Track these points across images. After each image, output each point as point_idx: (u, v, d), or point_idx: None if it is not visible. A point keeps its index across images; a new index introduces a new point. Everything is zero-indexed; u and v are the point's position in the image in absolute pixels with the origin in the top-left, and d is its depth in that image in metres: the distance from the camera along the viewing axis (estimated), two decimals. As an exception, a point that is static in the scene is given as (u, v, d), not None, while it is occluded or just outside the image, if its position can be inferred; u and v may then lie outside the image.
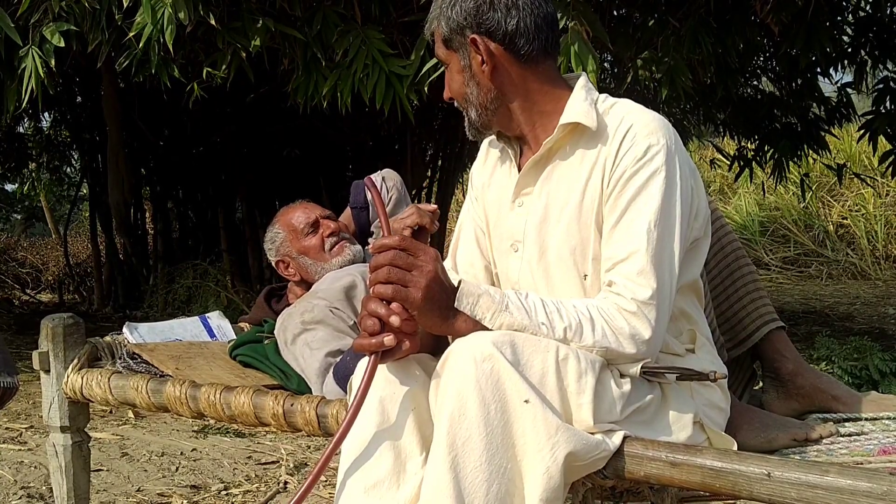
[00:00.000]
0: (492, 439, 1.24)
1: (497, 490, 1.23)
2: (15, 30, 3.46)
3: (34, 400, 4.11)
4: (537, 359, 1.30)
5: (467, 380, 1.26)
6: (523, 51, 1.48)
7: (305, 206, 2.33)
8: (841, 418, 1.68)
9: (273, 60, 3.82)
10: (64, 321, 2.02)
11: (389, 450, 1.33)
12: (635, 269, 1.38)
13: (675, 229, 1.41)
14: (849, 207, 10.54)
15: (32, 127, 9.15)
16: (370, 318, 1.31)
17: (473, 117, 1.54)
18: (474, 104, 1.52)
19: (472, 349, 1.28)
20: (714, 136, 8.07)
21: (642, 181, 1.41)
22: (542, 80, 1.52)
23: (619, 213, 1.42)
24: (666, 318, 1.40)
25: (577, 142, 1.49)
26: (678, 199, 1.42)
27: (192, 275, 7.01)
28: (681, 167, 1.44)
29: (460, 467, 1.23)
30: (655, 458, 1.32)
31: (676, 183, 1.42)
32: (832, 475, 1.18)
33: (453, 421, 1.25)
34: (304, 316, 2.00)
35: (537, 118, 1.53)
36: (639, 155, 1.41)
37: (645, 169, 1.41)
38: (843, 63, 5.32)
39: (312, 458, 3.25)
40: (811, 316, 6.91)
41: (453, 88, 1.55)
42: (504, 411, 1.25)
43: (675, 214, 1.42)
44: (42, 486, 2.87)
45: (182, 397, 1.84)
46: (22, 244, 11.26)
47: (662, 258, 1.39)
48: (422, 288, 1.30)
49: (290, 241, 2.26)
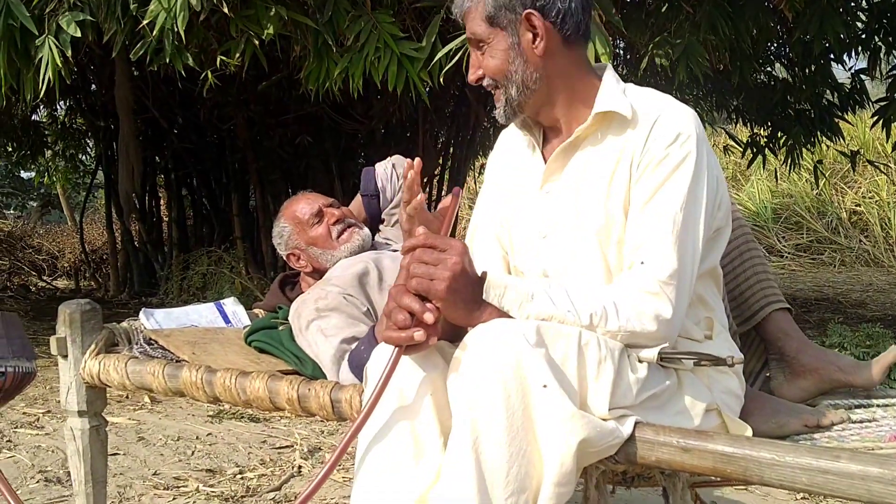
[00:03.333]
0: (512, 422, 1.25)
1: (517, 471, 1.25)
2: (30, 19, 3.48)
3: (51, 385, 4.15)
4: (560, 343, 1.31)
5: (488, 363, 1.27)
6: (570, 32, 1.50)
7: (308, 196, 2.34)
8: (852, 404, 1.68)
9: (285, 48, 3.83)
10: (81, 307, 2.04)
11: (408, 434, 1.34)
12: (659, 252, 1.39)
13: (700, 216, 1.43)
14: (862, 194, 10.48)
15: (48, 115, 9.20)
16: (402, 311, 1.32)
17: (513, 95, 1.52)
18: (517, 82, 1.51)
19: (493, 333, 1.30)
20: (727, 122, 8.03)
21: (671, 167, 1.42)
22: (579, 64, 1.54)
23: (647, 196, 1.43)
24: (686, 300, 1.42)
25: (607, 129, 1.50)
26: (705, 187, 1.43)
27: (207, 262, 7.04)
28: (708, 157, 1.45)
29: (481, 449, 1.25)
30: (667, 444, 1.33)
31: (704, 171, 1.43)
32: (843, 461, 1.18)
33: (474, 404, 1.27)
34: (318, 303, 2.01)
35: (575, 101, 1.53)
36: (669, 141, 1.43)
37: (674, 155, 1.42)
38: (856, 49, 5.29)
39: (327, 443, 3.28)
40: (824, 303, 6.88)
41: (491, 66, 1.53)
42: (524, 395, 1.26)
43: (701, 202, 1.43)
44: (59, 469, 2.91)
45: (198, 382, 1.86)
46: (38, 231, 11.33)
47: (686, 242, 1.41)
48: (446, 280, 1.32)
49: (297, 233, 2.27)
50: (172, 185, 8.35)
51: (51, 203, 13.56)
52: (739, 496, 2.68)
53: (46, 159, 10.19)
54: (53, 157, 10.10)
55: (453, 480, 1.25)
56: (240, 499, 2.66)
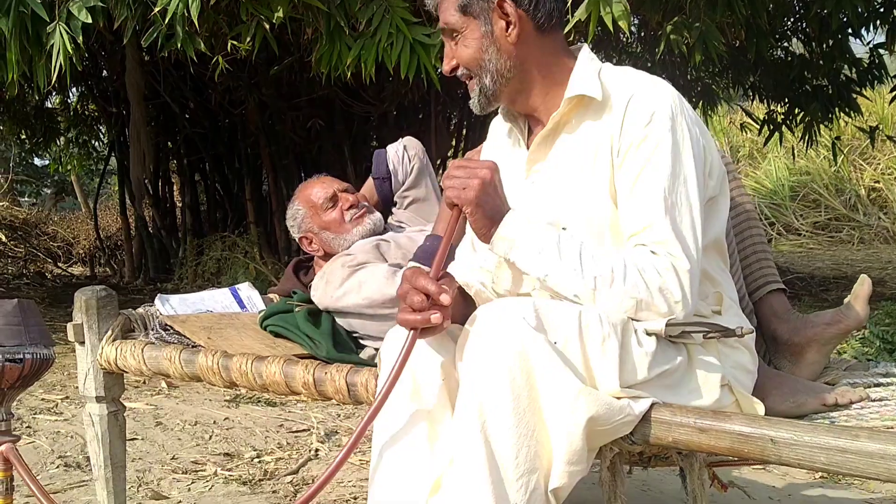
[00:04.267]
0: (519, 403, 1.25)
1: (527, 452, 1.25)
2: (42, 6, 3.48)
3: (69, 371, 4.19)
4: (561, 322, 1.31)
5: (492, 346, 1.28)
6: (542, 19, 1.49)
7: (323, 180, 2.33)
8: (871, 382, 1.67)
9: (296, 31, 3.81)
10: (97, 293, 2.05)
11: (422, 417, 1.35)
12: (657, 238, 1.38)
13: (692, 193, 1.40)
14: (881, 171, 10.38)
15: (61, 102, 9.23)
16: (418, 294, 1.33)
17: (487, 84, 1.53)
18: (491, 71, 1.52)
19: (497, 315, 1.30)
20: (743, 99, 7.96)
21: (650, 148, 1.40)
22: (554, 50, 1.53)
23: (632, 182, 1.41)
24: (696, 282, 1.40)
25: (584, 114, 1.49)
26: (690, 162, 1.41)
27: (221, 247, 7.07)
28: (689, 128, 1.43)
29: (490, 431, 1.25)
30: (683, 424, 1.32)
31: (685, 145, 1.41)
32: (862, 439, 1.17)
33: (480, 387, 1.27)
34: (346, 265, 2.02)
35: (551, 88, 1.53)
36: (645, 121, 1.41)
37: (651, 136, 1.40)
38: (875, 23, 5.21)
39: (343, 426, 3.30)
40: (842, 281, 6.83)
41: (465, 56, 1.53)
42: (529, 376, 1.26)
43: (689, 178, 1.41)
44: (79, 455, 2.93)
45: (214, 367, 1.86)
46: (53, 218, 11.41)
47: (682, 223, 1.39)
48: (476, 188, 1.38)
49: (311, 216, 2.27)
50: (185, 171, 8.37)
51: (65, 190, 13.64)
52: (758, 476, 2.67)
53: (60, 146, 10.23)
54: (66, 144, 10.14)
55: (464, 465, 1.25)
56: (257, 482, 2.68)
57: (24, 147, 10.39)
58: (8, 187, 11.95)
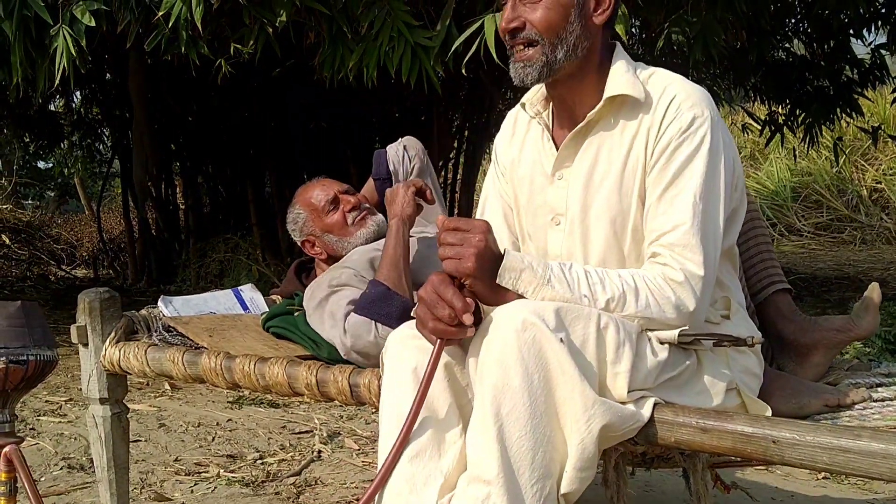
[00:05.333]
0: (535, 408, 1.25)
1: (542, 457, 1.25)
2: (45, 9, 3.49)
3: (72, 373, 4.19)
4: (578, 326, 1.31)
5: (509, 349, 1.27)
6: (613, 13, 1.50)
7: (323, 183, 2.32)
8: (873, 383, 1.67)
9: (299, 34, 3.82)
10: (101, 295, 2.05)
11: (429, 420, 1.35)
12: (682, 241, 1.38)
13: (720, 202, 1.41)
14: (883, 171, 10.37)
15: (64, 105, 9.24)
16: (445, 307, 1.32)
17: (560, 57, 1.44)
18: (566, 44, 1.45)
19: (513, 318, 1.29)
20: (744, 100, 7.95)
21: (688, 153, 1.40)
22: (607, 46, 1.53)
23: (665, 185, 1.41)
24: (710, 291, 1.41)
25: (619, 112, 1.47)
26: (722, 171, 1.42)
27: (224, 249, 7.08)
28: (723, 137, 1.43)
29: (506, 436, 1.25)
30: (686, 424, 1.32)
31: (720, 154, 1.42)
32: (865, 439, 1.17)
33: (497, 391, 1.26)
34: (332, 282, 2.02)
35: (590, 83, 1.50)
36: (684, 126, 1.41)
37: (690, 141, 1.40)
38: (876, 24, 5.21)
39: (346, 428, 3.30)
40: (844, 282, 6.82)
41: (542, 19, 1.44)
42: (547, 380, 1.26)
43: (720, 186, 1.41)
44: (82, 456, 2.94)
45: (217, 368, 1.87)
46: (56, 221, 11.42)
47: (707, 231, 1.39)
48: (472, 258, 1.33)
49: (313, 220, 2.26)
50: (188, 173, 8.38)
51: (68, 193, 13.65)
52: (760, 477, 2.67)
53: (63, 149, 10.25)
54: (70, 147, 10.15)
55: (480, 467, 1.25)
56: (260, 484, 2.68)
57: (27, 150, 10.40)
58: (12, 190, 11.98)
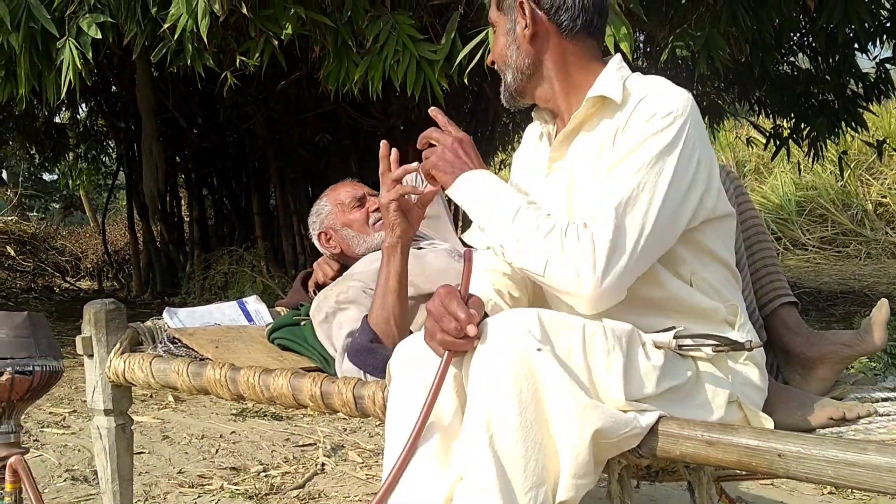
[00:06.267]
0: (525, 417, 1.26)
1: (534, 465, 1.25)
2: (51, 21, 3.52)
3: (76, 385, 4.19)
4: (564, 336, 1.31)
5: (498, 359, 1.28)
6: (565, 23, 1.53)
7: (354, 183, 2.38)
8: (879, 397, 1.66)
9: (304, 47, 3.84)
10: (106, 307, 2.06)
11: (435, 430, 1.35)
12: (602, 212, 1.37)
13: (661, 197, 1.38)
14: (888, 185, 10.36)
15: (70, 117, 9.28)
16: (451, 320, 1.32)
17: (509, 80, 1.59)
18: (512, 67, 1.57)
19: (502, 329, 1.30)
20: (749, 114, 7.97)
21: (640, 139, 1.40)
22: (579, 55, 1.55)
23: (612, 165, 1.42)
24: (621, 275, 1.36)
25: (602, 114, 1.51)
26: (672, 166, 1.39)
27: (228, 261, 7.08)
28: (695, 138, 1.41)
29: (497, 445, 1.25)
30: (691, 437, 1.32)
31: (677, 148, 1.39)
32: (870, 453, 1.17)
33: (487, 400, 1.27)
34: (339, 296, 2.03)
35: (570, 90, 1.56)
36: (646, 118, 1.41)
37: (646, 130, 1.40)
38: (881, 38, 5.22)
39: (349, 440, 3.30)
40: (849, 296, 6.81)
41: (496, 51, 1.60)
42: (536, 389, 1.27)
43: (667, 181, 1.38)
44: (86, 468, 2.94)
45: (222, 380, 1.87)
46: (61, 233, 11.45)
47: (632, 216, 1.37)
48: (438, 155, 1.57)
49: (336, 213, 2.29)
50: (193, 185, 8.40)
51: (73, 204, 13.70)
52: (766, 491, 2.66)
53: (69, 161, 10.29)
54: (76, 159, 10.20)
55: (474, 479, 1.26)
56: (264, 496, 2.68)
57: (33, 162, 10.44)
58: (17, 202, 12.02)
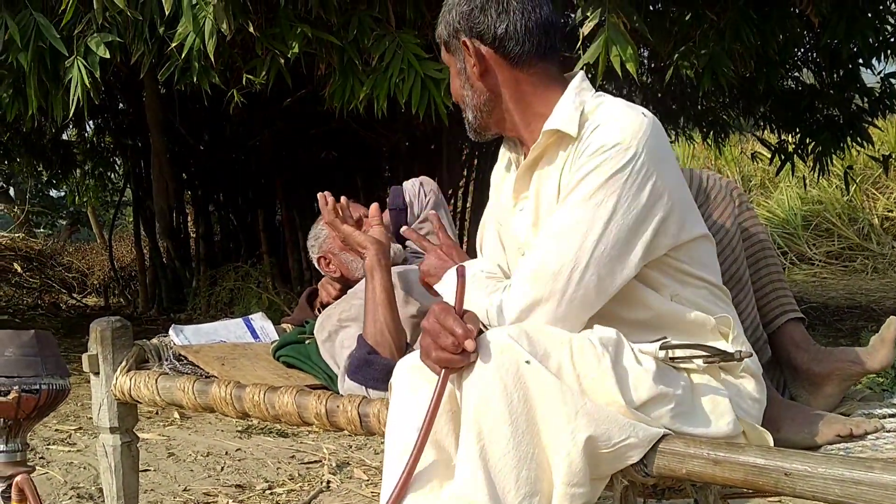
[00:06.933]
0: (517, 426, 1.26)
1: (527, 475, 1.25)
2: (60, 40, 3.54)
3: (82, 402, 4.19)
4: (553, 351, 1.32)
5: (488, 371, 1.29)
6: (513, 53, 1.51)
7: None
8: (886, 413, 1.66)
9: (310, 65, 3.86)
10: (112, 324, 2.06)
11: (431, 448, 1.34)
12: (536, 252, 1.43)
13: (606, 225, 1.38)
14: (894, 199, 10.34)
15: (77, 134, 9.33)
16: (448, 335, 1.32)
17: (470, 118, 1.60)
18: (470, 106, 1.57)
19: (491, 341, 1.31)
20: (754, 129, 7.97)
21: (584, 173, 1.40)
22: (534, 82, 1.53)
23: (561, 199, 1.43)
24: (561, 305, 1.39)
25: (559, 145, 1.49)
26: (619, 196, 1.38)
27: (234, 277, 7.09)
28: (642, 168, 1.39)
29: (489, 456, 1.26)
30: (697, 456, 1.31)
31: (622, 180, 1.38)
32: (877, 471, 1.16)
33: (478, 411, 1.28)
34: (342, 315, 2.03)
35: (531, 120, 1.54)
36: (591, 151, 1.40)
37: (590, 162, 1.40)
38: (885, 53, 5.23)
39: (355, 458, 3.29)
40: (856, 311, 6.79)
41: (453, 92, 1.61)
42: (526, 399, 1.27)
43: (611, 209, 1.38)
44: (91, 486, 2.93)
45: (227, 397, 1.87)
46: (68, 249, 11.48)
47: (567, 250, 1.38)
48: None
49: (334, 237, 2.29)
50: (199, 202, 8.43)
51: (80, 221, 13.73)
52: (773, 508, 2.64)
53: (76, 178, 10.33)
54: (83, 176, 10.23)
55: (465, 489, 1.26)
56: (269, 513, 2.67)
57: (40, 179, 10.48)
58: (24, 219, 12.06)
